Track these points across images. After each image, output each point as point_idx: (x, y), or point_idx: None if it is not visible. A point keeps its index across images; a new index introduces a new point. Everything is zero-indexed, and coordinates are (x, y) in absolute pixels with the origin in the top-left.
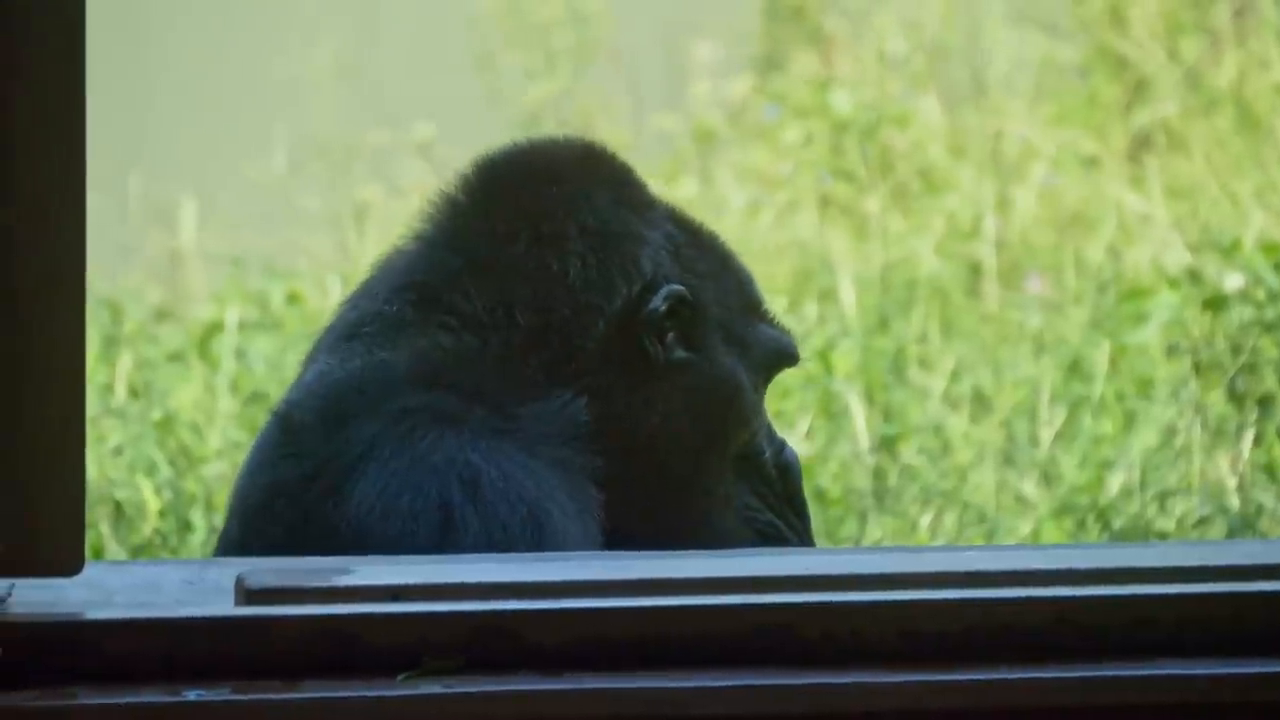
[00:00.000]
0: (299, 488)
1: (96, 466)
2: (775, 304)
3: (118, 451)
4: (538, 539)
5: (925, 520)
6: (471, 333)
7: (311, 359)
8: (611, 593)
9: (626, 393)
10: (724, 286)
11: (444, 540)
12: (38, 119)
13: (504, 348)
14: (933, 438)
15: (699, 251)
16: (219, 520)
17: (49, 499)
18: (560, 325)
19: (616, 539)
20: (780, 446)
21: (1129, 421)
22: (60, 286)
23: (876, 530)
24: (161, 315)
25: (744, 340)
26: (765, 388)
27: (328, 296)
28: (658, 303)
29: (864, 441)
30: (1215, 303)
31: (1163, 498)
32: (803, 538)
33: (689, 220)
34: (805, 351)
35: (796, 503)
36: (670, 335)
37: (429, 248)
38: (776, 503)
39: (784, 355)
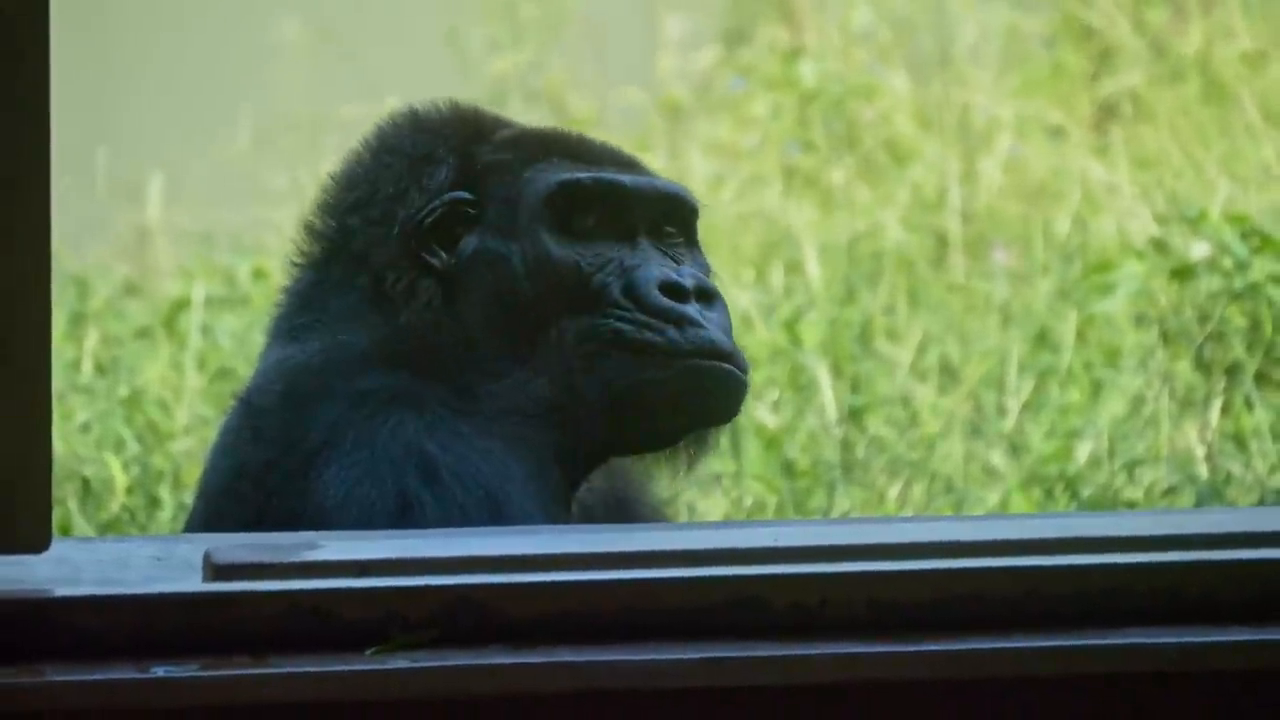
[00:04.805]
0: (262, 472)
1: (63, 443)
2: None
3: (85, 428)
4: (496, 522)
5: (893, 491)
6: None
7: (271, 338)
8: (581, 566)
9: (430, 296)
10: (528, 175)
11: (403, 527)
12: (3, 94)
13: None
14: (900, 409)
15: (511, 148)
16: (187, 496)
17: (16, 476)
18: (370, 240)
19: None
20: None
21: (1097, 391)
22: (27, 263)
23: (845, 501)
24: (129, 291)
25: (525, 198)
26: (628, 226)
27: None
28: (425, 215)
29: (832, 413)
30: (1182, 272)
31: (1131, 467)
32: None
33: (527, 131)
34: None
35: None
36: (455, 239)
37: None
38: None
39: (562, 187)
